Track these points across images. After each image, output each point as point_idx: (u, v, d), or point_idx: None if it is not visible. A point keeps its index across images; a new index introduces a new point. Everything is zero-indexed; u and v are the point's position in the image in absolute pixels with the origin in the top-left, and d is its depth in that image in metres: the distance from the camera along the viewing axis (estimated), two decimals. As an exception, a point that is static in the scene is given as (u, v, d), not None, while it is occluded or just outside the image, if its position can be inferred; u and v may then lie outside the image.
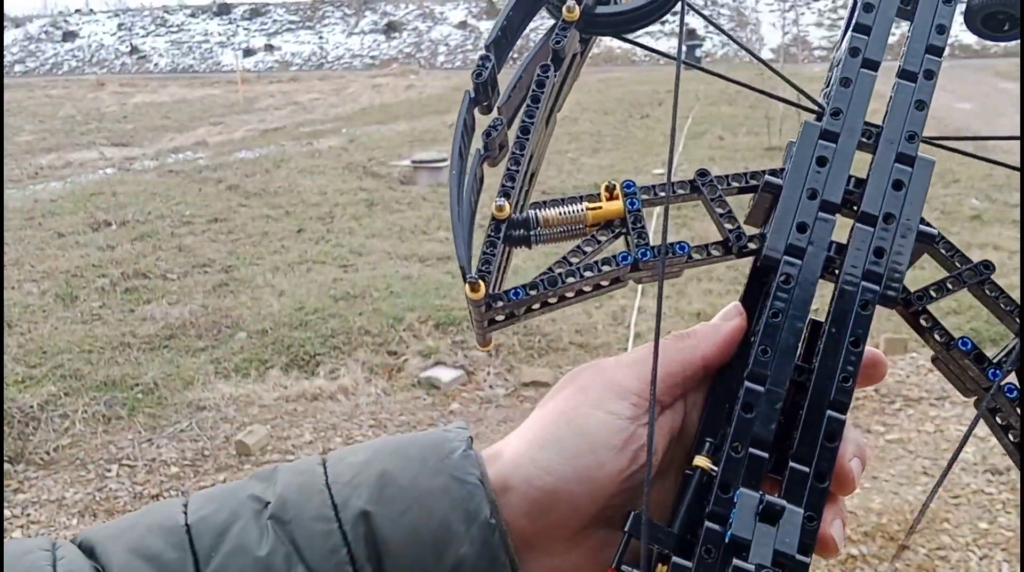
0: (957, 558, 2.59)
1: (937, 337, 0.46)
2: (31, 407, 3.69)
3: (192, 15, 42.28)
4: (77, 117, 17.81)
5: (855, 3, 0.48)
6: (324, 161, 9.90)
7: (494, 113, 0.49)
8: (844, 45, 0.46)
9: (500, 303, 0.45)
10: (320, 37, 37.90)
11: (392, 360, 4.24)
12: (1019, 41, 0.53)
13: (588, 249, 0.47)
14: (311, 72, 31.33)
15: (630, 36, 0.54)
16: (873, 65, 0.46)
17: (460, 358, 4.17)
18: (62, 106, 20.02)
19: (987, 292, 0.46)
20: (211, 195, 8.16)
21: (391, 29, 37.07)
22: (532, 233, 0.48)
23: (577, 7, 0.50)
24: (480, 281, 0.44)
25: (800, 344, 0.43)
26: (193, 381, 3.99)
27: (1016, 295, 0.47)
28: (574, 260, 0.46)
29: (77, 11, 46.91)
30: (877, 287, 0.43)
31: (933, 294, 0.46)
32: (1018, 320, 0.45)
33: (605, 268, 0.45)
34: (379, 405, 3.77)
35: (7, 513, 3.01)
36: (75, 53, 40.90)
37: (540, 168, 0.56)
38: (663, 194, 0.48)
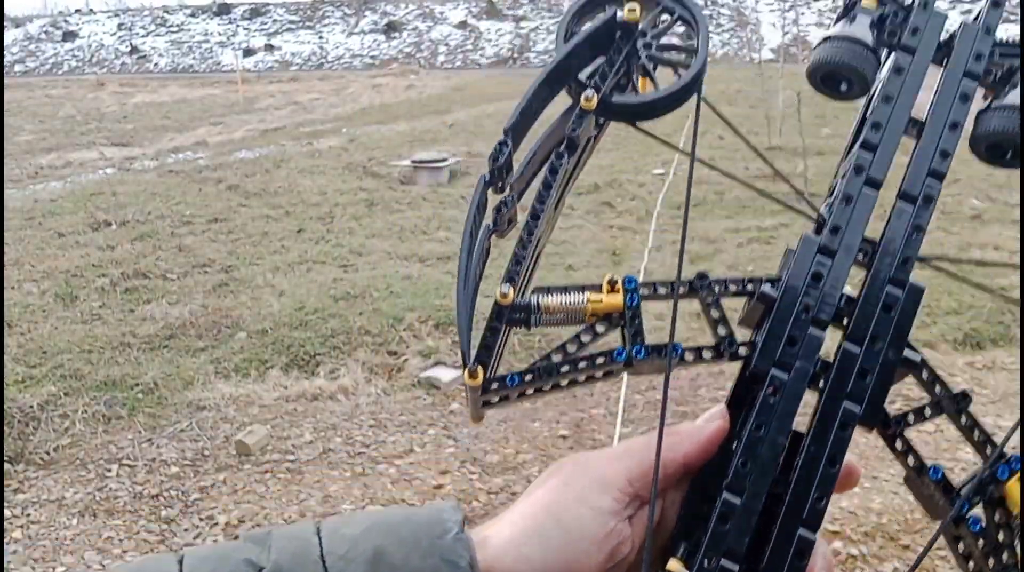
0: (957, 558, 2.59)
1: (910, 462, 0.46)
2: (31, 407, 3.69)
3: (192, 15, 42.27)
4: (77, 117, 17.80)
5: (863, 118, 0.49)
6: (324, 161, 9.90)
7: (507, 190, 0.51)
8: (850, 161, 0.47)
9: (496, 387, 0.47)
10: (320, 37, 37.90)
11: (392, 360, 4.24)
12: (1020, 38, 0.53)
13: (586, 339, 0.48)
14: (311, 72, 31.33)
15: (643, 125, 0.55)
16: (876, 184, 0.47)
17: (460, 358, 4.17)
18: (62, 106, 20.01)
19: (963, 421, 0.47)
20: (211, 195, 8.16)
21: (391, 29, 37.06)
22: (533, 317, 0.49)
23: (596, 96, 0.52)
24: (479, 368, 0.46)
25: (780, 458, 0.44)
26: (193, 381, 3.99)
27: (1016, 294, 0.47)
28: (571, 348, 0.48)
29: (77, 11, 46.91)
30: (858, 407, 0.44)
31: (911, 420, 0.47)
32: (991, 447, 0.45)
33: (600, 360, 0.47)
34: (379, 405, 3.77)
35: (7, 513, 3.01)
36: (75, 53, 40.89)
37: (545, 246, 0.57)
38: (662, 291, 0.49)
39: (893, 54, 0.49)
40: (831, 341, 0.46)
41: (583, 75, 0.53)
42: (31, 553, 2.80)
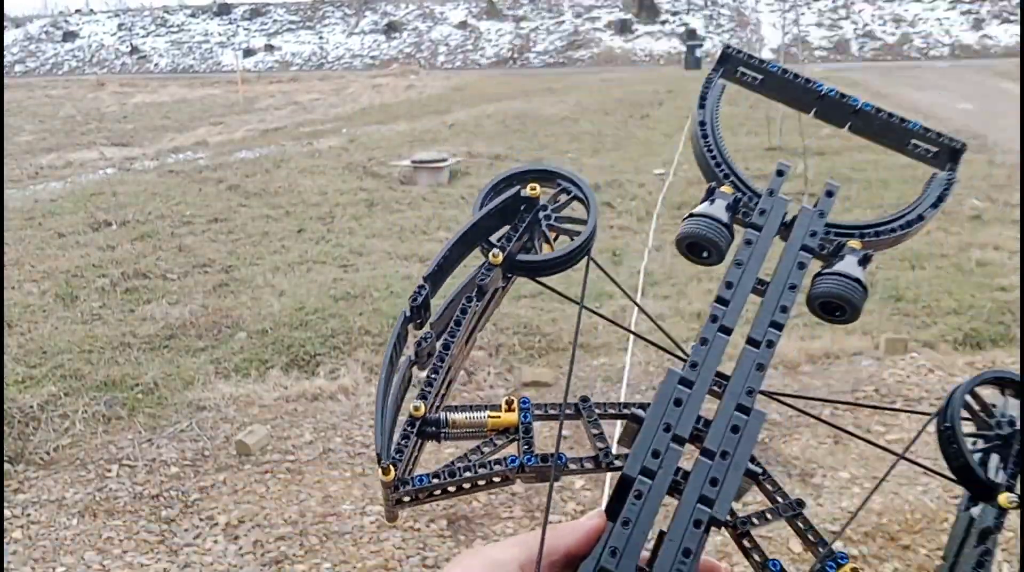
0: (957, 558, 2.59)
1: (756, 557, 0.54)
2: (31, 407, 3.69)
3: (192, 15, 42.27)
4: (77, 117, 17.80)
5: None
6: (324, 161, 9.90)
7: (426, 328, 0.60)
8: (710, 310, 0.58)
9: (407, 487, 0.53)
10: (320, 37, 37.89)
11: (392, 360, 4.23)
12: (1019, 40, 0.55)
13: (486, 449, 0.56)
14: (311, 72, 31.32)
15: (543, 280, 0.66)
16: (727, 330, 0.57)
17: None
18: (62, 106, 20.01)
19: (799, 525, 0.56)
20: (211, 195, 8.16)
21: (391, 29, 37.06)
22: (443, 431, 0.57)
23: (501, 254, 0.62)
24: (391, 466, 0.52)
25: (642, 549, 0.50)
26: (193, 381, 3.99)
27: (1017, 295, 0.49)
28: (473, 457, 0.55)
29: (77, 11, 46.90)
30: (709, 510, 0.52)
31: (755, 522, 0.55)
32: (826, 548, 0.54)
33: (496, 468, 0.54)
34: (379, 405, 3.77)
35: (7, 513, 3.01)
36: (75, 53, 40.89)
37: (459, 376, 0.66)
38: (552, 411, 0.57)
39: (745, 230, 0.60)
40: (690, 455, 0.55)
41: (497, 236, 0.64)
42: (31, 553, 2.80)
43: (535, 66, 32.32)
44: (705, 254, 0.61)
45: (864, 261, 0.59)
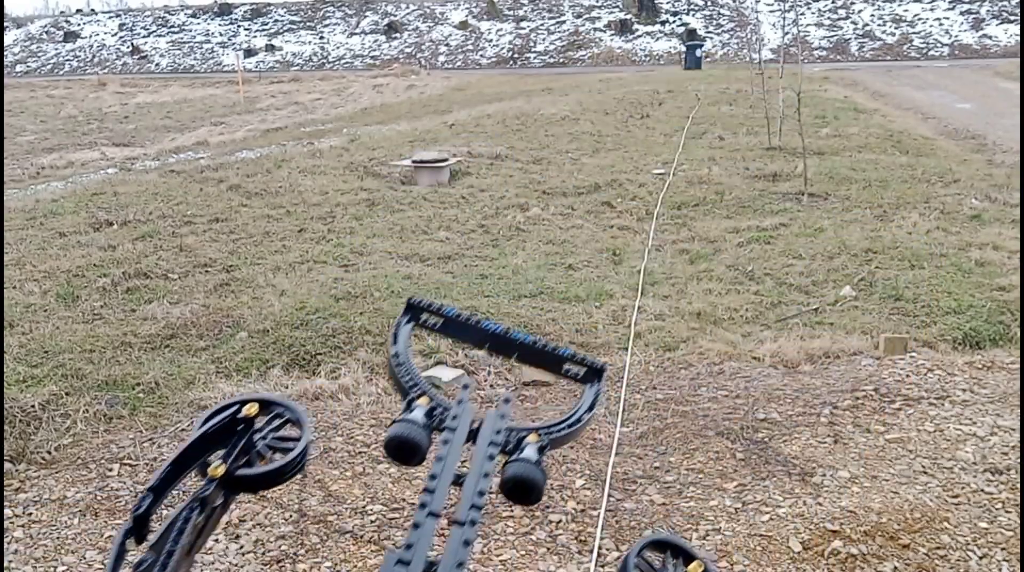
0: (957, 557, 2.59)
1: None
2: (32, 406, 3.70)
3: (193, 15, 42.27)
4: (79, 117, 17.81)
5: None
6: (325, 161, 9.90)
7: (145, 545, 0.63)
8: (419, 499, 0.63)
9: None
10: (321, 37, 37.90)
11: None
12: (1019, 40, 0.55)
13: None
14: (312, 72, 31.33)
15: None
16: (436, 515, 0.62)
17: (461, 357, 4.18)
18: (63, 106, 20.02)
19: None
20: (212, 195, 8.17)
21: (392, 29, 37.06)
22: None
23: (223, 466, 0.66)
24: None
25: None
26: (194, 380, 4.00)
27: (1017, 294, 0.50)
28: None
29: (78, 11, 46.91)
30: None
31: None
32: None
33: None
34: (380, 404, 3.77)
35: (8, 512, 3.02)
36: (77, 53, 40.89)
37: None
38: None
39: (442, 433, 0.69)
40: None
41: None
42: (32, 552, 2.80)
43: (535, 66, 32.33)
44: (409, 455, 0.67)
45: (541, 450, 0.69)
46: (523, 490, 0.66)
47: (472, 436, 0.70)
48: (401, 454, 0.67)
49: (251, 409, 0.71)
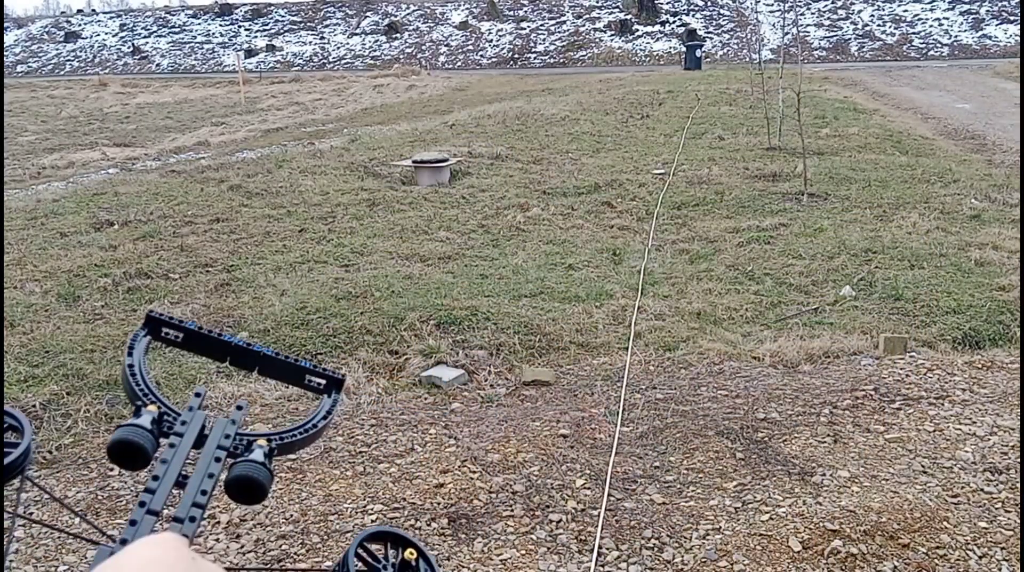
0: (956, 557, 2.60)
1: None
2: (33, 406, 3.70)
3: (194, 16, 42.28)
4: (80, 117, 17.82)
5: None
6: (326, 161, 9.91)
7: None
8: (139, 499, 0.63)
9: None
10: (321, 38, 37.91)
11: (393, 359, 4.25)
12: (1019, 40, 0.55)
13: None
14: (312, 72, 31.33)
15: None
16: (155, 513, 0.61)
17: (461, 357, 4.18)
18: (64, 106, 20.04)
19: None
20: (213, 195, 8.17)
21: (392, 30, 37.07)
22: None
23: None
24: None
25: None
26: (195, 380, 4.00)
27: (1016, 294, 0.49)
28: None
29: (79, 12, 46.93)
30: None
31: None
32: None
33: None
34: (380, 404, 3.78)
35: (9, 512, 3.02)
36: (77, 53, 40.91)
37: None
38: None
39: (170, 438, 0.70)
40: None
41: None
42: (33, 552, 2.81)
43: (536, 66, 32.33)
44: (134, 459, 0.67)
45: (269, 453, 0.70)
46: (246, 489, 0.67)
47: (201, 442, 0.71)
48: (124, 458, 0.67)
49: None
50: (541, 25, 35.32)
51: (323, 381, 0.85)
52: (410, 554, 0.71)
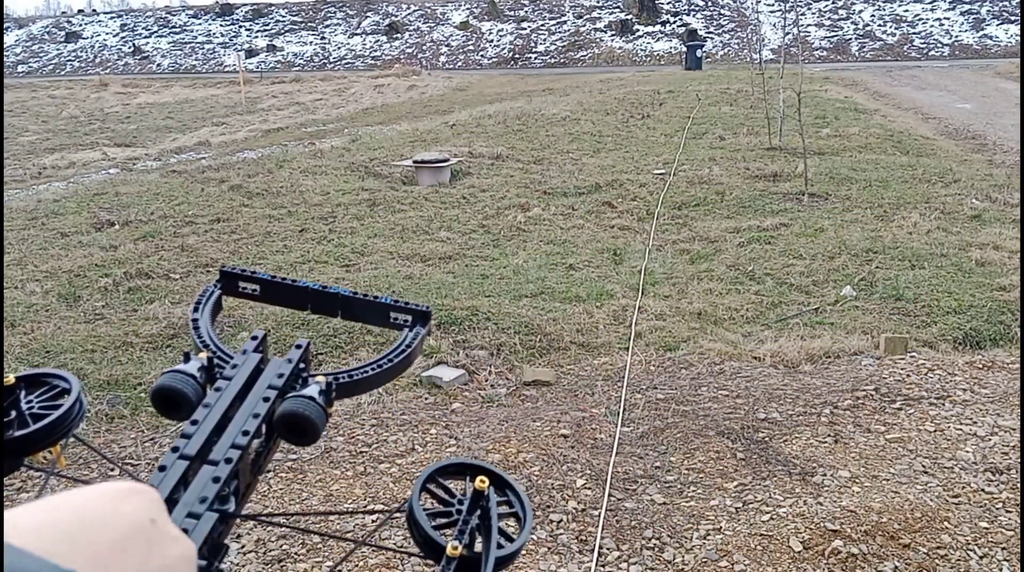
0: (957, 557, 2.60)
1: None
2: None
3: (195, 16, 42.30)
4: (80, 117, 17.83)
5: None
6: (326, 161, 9.91)
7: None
8: (174, 444, 0.58)
9: None
10: (322, 38, 37.92)
11: (394, 360, 4.24)
12: (1019, 40, 0.55)
13: None
14: (313, 72, 31.34)
15: None
16: (187, 459, 0.57)
17: (462, 357, 4.18)
18: (65, 106, 20.04)
19: None
20: (214, 195, 8.17)
21: (393, 30, 37.07)
22: None
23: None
24: None
25: None
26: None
27: (1017, 294, 0.49)
28: None
29: (80, 12, 46.96)
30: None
31: None
32: None
33: None
34: (381, 404, 3.78)
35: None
36: (78, 54, 40.93)
37: None
38: None
39: (217, 381, 0.64)
40: None
41: None
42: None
43: (536, 66, 32.34)
44: (177, 407, 0.62)
45: (326, 391, 0.64)
46: (294, 426, 0.61)
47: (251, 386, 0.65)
48: (167, 407, 0.62)
49: (9, 379, 0.69)
50: (542, 25, 35.32)
51: (408, 317, 0.78)
52: (481, 482, 0.66)
